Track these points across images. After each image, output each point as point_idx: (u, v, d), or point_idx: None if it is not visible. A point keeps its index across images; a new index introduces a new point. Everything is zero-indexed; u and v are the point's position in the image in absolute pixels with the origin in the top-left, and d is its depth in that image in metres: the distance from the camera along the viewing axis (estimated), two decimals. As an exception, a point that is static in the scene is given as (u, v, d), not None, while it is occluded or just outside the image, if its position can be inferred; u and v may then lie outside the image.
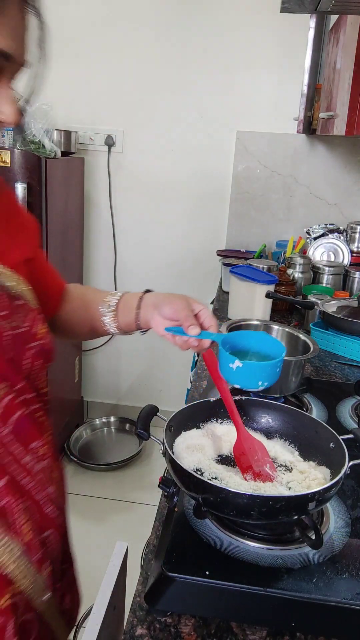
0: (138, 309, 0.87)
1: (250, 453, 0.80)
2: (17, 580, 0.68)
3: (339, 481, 0.68)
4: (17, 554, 0.68)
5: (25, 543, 0.69)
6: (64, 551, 0.82)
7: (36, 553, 0.71)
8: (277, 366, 0.79)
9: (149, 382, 2.86)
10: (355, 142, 2.28)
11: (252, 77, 2.31)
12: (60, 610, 0.78)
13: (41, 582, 0.71)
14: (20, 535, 0.69)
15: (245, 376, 0.77)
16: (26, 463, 0.70)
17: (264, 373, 0.78)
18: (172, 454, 0.74)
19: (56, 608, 0.77)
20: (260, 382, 0.77)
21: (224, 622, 0.66)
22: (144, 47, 2.34)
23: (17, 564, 0.68)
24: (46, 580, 0.72)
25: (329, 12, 1.24)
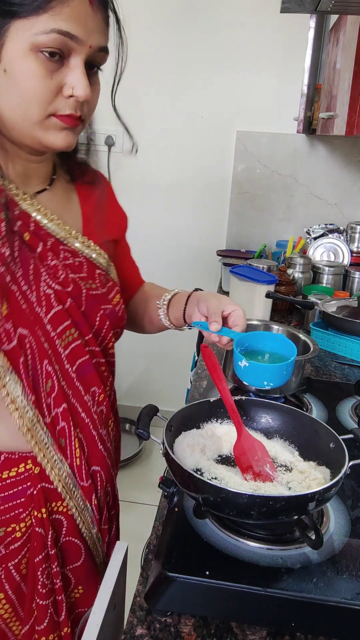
0: (185, 305, 0.95)
1: (250, 453, 0.80)
2: (65, 499, 0.81)
3: (339, 481, 0.68)
4: (64, 473, 0.81)
5: (75, 467, 0.82)
6: (112, 495, 0.95)
7: (84, 480, 0.83)
8: (283, 369, 0.82)
9: (149, 382, 2.86)
10: (355, 142, 2.28)
11: (252, 77, 2.31)
12: (106, 561, 0.88)
13: (89, 513, 0.84)
14: (70, 458, 0.82)
15: (252, 375, 0.82)
16: (86, 401, 0.83)
17: (269, 374, 0.82)
18: (172, 454, 0.74)
19: (102, 552, 0.89)
20: (265, 382, 0.82)
21: (224, 622, 0.66)
22: (144, 46, 2.34)
23: (64, 483, 0.81)
24: (94, 512, 0.85)
25: (329, 12, 1.24)
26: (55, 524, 0.82)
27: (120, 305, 0.91)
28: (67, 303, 0.80)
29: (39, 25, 0.65)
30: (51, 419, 0.79)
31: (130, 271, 1.09)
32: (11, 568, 0.80)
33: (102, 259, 0.89)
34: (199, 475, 0.69)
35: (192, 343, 2.38)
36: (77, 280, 0.83)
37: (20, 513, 0.80)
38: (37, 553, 0.80)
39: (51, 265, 0.79)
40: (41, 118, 0.71)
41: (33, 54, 0.66)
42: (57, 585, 0.81)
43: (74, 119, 0.73)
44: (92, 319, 0.85)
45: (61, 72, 0.69)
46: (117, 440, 0.99)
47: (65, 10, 0.65)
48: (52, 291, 0.78)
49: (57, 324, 0.79)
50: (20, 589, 0.81)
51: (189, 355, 2.53)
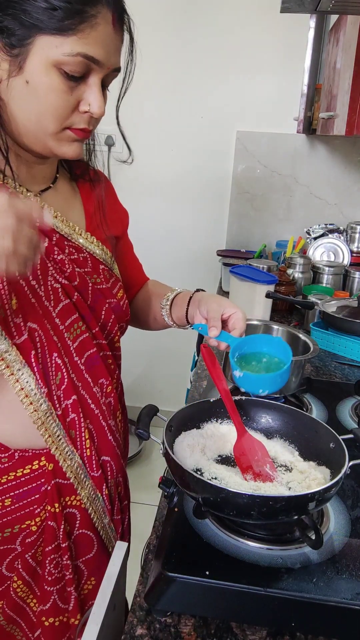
0: (187, 306, 0.97)
1: (250, 453, 0.80)
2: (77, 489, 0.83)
3: (339, 481, 0.68)
4: (76, 464, 0.83)
5: (85, 457, 0.84)
6: (123, 486, 0.96)
7: (95, 470, 0.85)
8: (277, 377, 0.82)
9: (149, 382, 2.86)
10: (355, 142, 2.28)
11: (252, 77, 2.31)
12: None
13: (100, 503, 0.86)
14: (80, 449, 0.83)
15: (247, 383, 0.83)
16: (95, 393, 0.85)
17: (264, 382, 0.82)
18: (172, 454, 0.74)
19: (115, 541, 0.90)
20: (261, 390, 0.83)
21: (224, 622, 0.66)
22: (144, 47, 2.33)
23: (76, 474, 0.83)
24: (105, 502, 0.87)
25: (329, 12, 1.24)
26: (69, 517, 0.84)
27: (124, 300, 0.93)
28: (74, 297, 0.82)
29: (66, 46, 0.67)
30: (62, 410, 0.81)
31: (133, 268, 1.11)
32: (28, 558, 0.83)
33: (106, 255, 0.91)
34: (199, 475, 0.69)
35: (192, 343, 2.38)
36: (83, 274, 0.85)
37: (35, 509, 0.81)
38: (47, 544, 0.82)
39: (57, 259, 0.81)
40: (57, 131, 0.74)
41: (56, 70, 0.69)
42: (68, 577, 0.83)
43: (86, 132, 0.77)
44: (98, 312, 0.87)
45: (79, 88, 0.72)
46: (126, 432, 1.01)
47: (93, 34, 0.68)
48: (60, 285, 0.80)
49: (66, 318, 0.80)
50: (36, 572, 0.84)
51: (189, 355, 2.53)
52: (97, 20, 0.68)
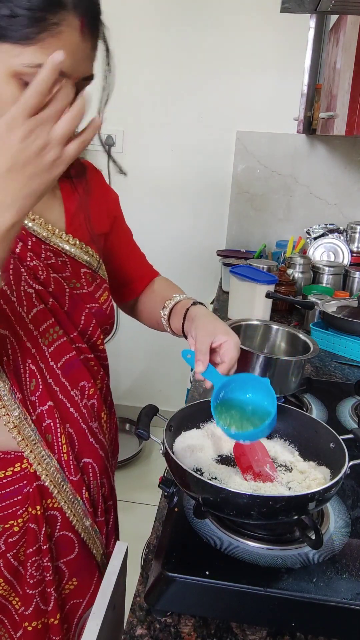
0: (183, 320, 0.92)
1: (250, 453, 0.80)
2: (54, 493, 0.82)
3: (339, 481, 0.68)
4: (52, 468, 0.82)
5: (63, 461, 0.83)
6: (108, 487, 0.95)
7: (73, 474, 0.85)
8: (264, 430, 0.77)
9: (149, 382, 2.86)
10: (355, 142, 2.28)
11: (252, 77, 2.31)
12: (106, 553, 0.93)
13: (80, 506, 0.86)
14: (58, 453, 0.83)
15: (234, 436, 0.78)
16: (74, 396, 0.85)
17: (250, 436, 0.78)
18: (172, 454, 0.74)
19: (101, 543, 0.91)
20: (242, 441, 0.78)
21: (224, 622, 0.66)
22: (144, 47, 2.34)
23: (52, 478, 0.83)
24: (85, 505, 0.86)
25: (329, 12, 1.24)
26: (50, 519, 0.84)
27: (109, 303, 0.90)
28: (49, 302, 0.80)
29: (26, 56, 0.62)
30: (37, 416, 0.81)
31: (132, 260, 1.06)
32: (10, 557, 0.83)
33: (89, 257, 0.87)
34: (199, 475, 0.69)
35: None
36: (59, 279, 0.82)
37: (18, 510, 0.82)
38: (29, 546, 0.82)
39: (31, 266, 0.79)
40: None
41: (15, 80, 0.64)
42: (48, 578, 0.84)
43: None
44: (76, 317, 0.84)
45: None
46: (113, 432, 1.01)
47: (55, 44, 0.63)
48: (33, 290, 0.78)
49: (40, 323, 0.79)
50: (18, 571, 0.85)
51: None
52: (60, 29, 0.63)
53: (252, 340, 1.27)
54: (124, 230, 1.04)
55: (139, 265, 1.07)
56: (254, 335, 1.27)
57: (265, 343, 1.27)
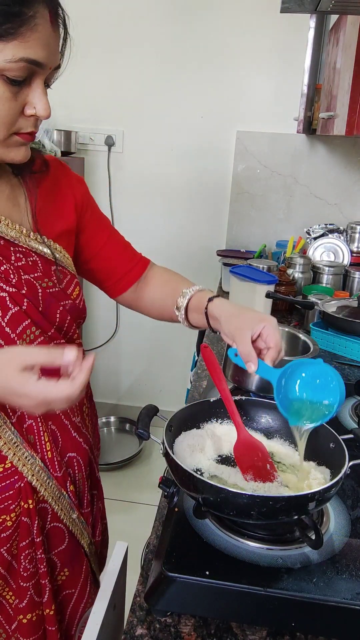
0: (207, 320, 0.92)
1: (250, 453, 0.80)
2: (40, 491, 0.83)
3: (339, 481, 0.68)
4: (37, 467, 0.83)
5: (47, 460, 0.84)
6: (92, 477, 0.96)
7: (57, 470, 0.86)
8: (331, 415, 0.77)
9: (149, 382, 2.86)
10: (355, 142, 2.28)
11: (252, 77, 2.31)
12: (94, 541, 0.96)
13: (66, 500, 0.87)
14: (41, 452, 0.84)
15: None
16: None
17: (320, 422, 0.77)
18: (172, 454, 0.74)
19: (88, 533, 0.93)
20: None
21: (224, 622, 0.66)
22: (144, 46, 2.34)
23: (37, 477, 0.83)
24: (71, 498, 0.88)
25: (329, 12, 1.24)
26: (42, 512, 0.85)
27: (80, 298, 0.90)
28: (24, 304, 0.79)
29: (7, 53, 0.64)
30: (17, 418, 0.82)
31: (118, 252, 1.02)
32: (3, 552, 0.84)
33: (58, 253, 0.87)
34: (199, 475, 0.69)
35: (192, 343, 2.38)
36: (31, 280, 0.81)
37: (10, 504, 0.82)
38: (22, 539, 0.83)
39: (1, 270, 0.79)
40: (4, 138, 0.72)
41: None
42: (42, 570, 0.85)
43: (32, 135, 0.75)
44: (52, 316, 0.84)
45: (23, 92, 0.69)
46: (94, 423, 1.03)
47: (33, 37, 0.65)
48: (6, 294, 0.78)
49: (16, 325, 0.79)
50: (11, 566, 0.85)
51: (189, 355, 2.53)
52: (36, 21, 0.65)
53: (252, 340, 1.27)
54: (100, 221, 1.00)
55: (126, 254, 1.03)
56: (254, 335, 1.27)
57: (265, 343, 1.27)
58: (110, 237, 1.01)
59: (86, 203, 0.97)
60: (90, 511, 0.95)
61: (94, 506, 0.97)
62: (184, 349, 2.63)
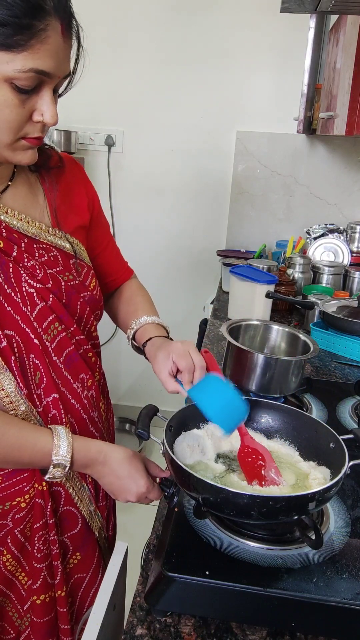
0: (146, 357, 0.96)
1: (255, 459, 0.80)
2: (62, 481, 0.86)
3: (339, 481, 0.68)
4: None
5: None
6: None
7: None
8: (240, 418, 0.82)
9: (149, 382, 2.86)
10: (355, 142, 2.28)
11: (252, 77, 2.31)
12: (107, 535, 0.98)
13: (86, 492, 0.91)
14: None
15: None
16: (76, 388, 0.88)
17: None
18: (172, 454, 0.74)
19: (102, 527, 0.97)
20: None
21: (224, 622, 0.66)
22: (144, 47, 2.34)
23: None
24: (90, 490, 0.92)
25: (329, 12, 1.25)
26: (55, 495, 0.87)
27: (97, 289, 0.94)
28: (49, 299, 0.83)
29: (17, 63, 0.66)
30: (43, 408, 0.84)
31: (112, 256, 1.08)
32: (17, 533, 0.85)
33: (76, 247, 0.91)
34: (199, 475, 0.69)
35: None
36: (55, 275, 0.85)
37: (25, 486, 0.84)
38: (36, 521, 0.85)
39: (28, 266, 0.82)
40: (11, 142, 0.74)
41: (7, 85, 0.68)
42: (54, 551, 0.86)
43: (40, 140, 0.77)
44: (73, 308, 0.88)
45: (32, 99, 0.71)
46: (110, 420, 1.06)
47: (43, 48, 0.67)
48: (34, 290, 0.82)
49: (42, 320, 0.82)
50: (24, 547, 0.87)
51: (189, 355, 2.52)
52: (47, 34, 0.66)
53: (252, 340, 1.27)
54: (103, 225, 1.06)
55: (117, 260, 1.10)
56: (254, 335, 1.28)
57: (265, 343, 1.27)
58: (110, 242, 1.08)
59: (97, 204, 1.02)
60: (106, 505, 0.97)
61: (108, 500, 0.99)
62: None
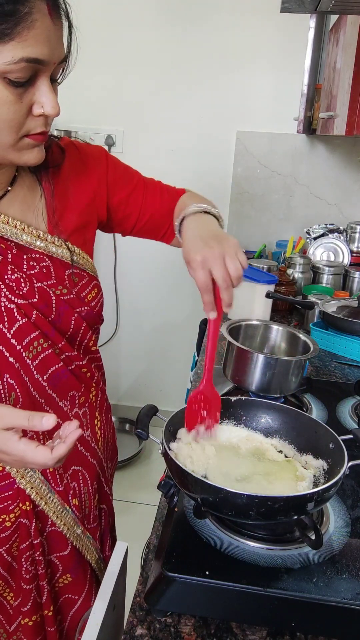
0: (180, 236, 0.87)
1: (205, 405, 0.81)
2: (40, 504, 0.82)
3: (338, 481, 0.68)
4: (37, 480, 0.82)
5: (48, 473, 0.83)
6: (100, 492, 0.95)
7: (59, 484, 0.85)
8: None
9: (149, 382, 2.86)
10: (355, 142, 2.28)
11: (252, 77, 2.31)
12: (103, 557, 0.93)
13: (70, 515, 0.86)
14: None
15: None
16: (62, 407, 0.84)
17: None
18: (171, 454, 0.74)
19: (96, 549, 0.91)
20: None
21: (224, 622, 0.66)
22: (144, 47, 2.34)
23: (38, 490, 0.82)
24: (75, 513, 0.87)
25: (329, 12, 1.24)
26: (40, 515, 0.84)
27: (97, 300, 0.87)
28: (32, 315, 0.77)
29: (6, 54, 0.61)
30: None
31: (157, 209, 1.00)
32: (3, 552, 0.83)
33: (76, 256, 0.84)
34: (198, 475, 0.69)
35: (192, 343, 2.38)
36: (44, 288, 0.79)
37: (9, 505, 0.82)
38: (22, 541, 0.83)
39: (12, 278, 0.77)
40: (15, 142, 0.69)
41: (0, 81, 0.63)
42: (41, 571, 0.84)
43: (44, 135, 0.71)
44: (65, 324, 0.82)
45: (29, 92, 0.66)
46: (110, 436, 1.00)
47: (32, 34, 0.61)
48: (14, 305, 0.76)
49: (23, 337, 0.77)
50: (12, 567, 0.85)
51: (189, 355, 2.53)
52: (32, 17, 0.60)
53: (252, 340, 1.27)
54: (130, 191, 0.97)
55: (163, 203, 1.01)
56: (254, 335, 1.28)
57: (265, 343, 1.27)
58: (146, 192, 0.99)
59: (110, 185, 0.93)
60: (98, 525, 0.94)
61: (101, 520, 0.96)
62: (184, 349, 2.63)
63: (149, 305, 2.69)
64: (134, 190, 0.97)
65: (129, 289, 2.68)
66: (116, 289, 2.66)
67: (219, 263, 0.76)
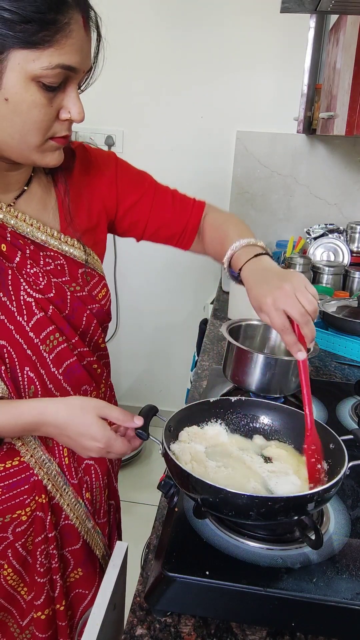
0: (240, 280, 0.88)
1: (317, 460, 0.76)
2: (55, 496, 0.85)
3: (338, 482, 0.68)
4: (53, 472, 0.84)
5: (64, 465, 0.85)
6: (109, 487, 0.96)
7: (74, 477, 0.87)
8: None
9: (149, 382, 2.86)
10: (355, 142, 2.28)
11: (252, 77, 2.30)
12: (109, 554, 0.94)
13: (82, 508, 0.88)
14: (58, 457, 0.85)
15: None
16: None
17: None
18: (171, 454, 0.74)
19: (104, 544, 0.93)
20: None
21: (224, 622, 0.66)
22: (144, 47, 2.34)
23: (54, 481, 0.84)
24: (87, 506, 0.89)
25: (329, 12, 1.24)
26: (55, 508, 0.86)
27: (107, 299, 0.91)
28: (49, 310, 0.80)
29: (43, 60, 0.65)
30: None
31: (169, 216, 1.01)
32: (18, 547, 0.84)
33: (86, 255, 0.87)
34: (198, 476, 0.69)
35: (192, 343, 2.38)
36: (60, 284, 0.82)
37: (25, 499, 0.83)
38: (37, 534, 0.84)
39: (31, 273, 0.80)
40: (40, 143, 0.72)
41: (34, 84, 0.66)
42: (54, 565, 0.85)
43: (67, 139, 0.75)
44: (77, 320, 0.85)
45: (58, 97, 0.70)
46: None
47: (69, 43, 0.66)
48: (33, 299, 0.79)
49: (40, 331, 0.79)
50: (26, 561, 0.86)
51: (189, 355, 2.53)
52: (70, 27, 0.65)
53: (252, 340, 1.27)
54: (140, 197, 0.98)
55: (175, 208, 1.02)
56: (254, 335, 1.27)
57: (265, 343, 1.27)
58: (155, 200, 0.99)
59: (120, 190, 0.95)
60: (107, 521, 0.95)
61: (110, 516, 0.97)
62: (184, 349, 2.63)
63: (149, 305, 2.69)
64: (142, 197, 0.99)
65: (129, 289, 2.68)
66: (116, 289, 2.66)
67: (292, 301, 0.75)
